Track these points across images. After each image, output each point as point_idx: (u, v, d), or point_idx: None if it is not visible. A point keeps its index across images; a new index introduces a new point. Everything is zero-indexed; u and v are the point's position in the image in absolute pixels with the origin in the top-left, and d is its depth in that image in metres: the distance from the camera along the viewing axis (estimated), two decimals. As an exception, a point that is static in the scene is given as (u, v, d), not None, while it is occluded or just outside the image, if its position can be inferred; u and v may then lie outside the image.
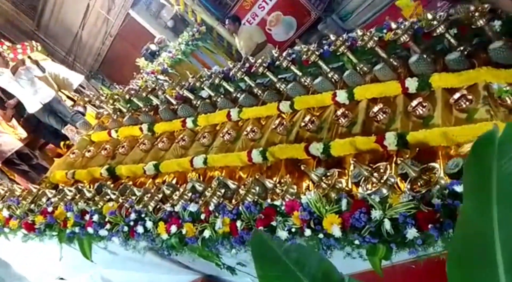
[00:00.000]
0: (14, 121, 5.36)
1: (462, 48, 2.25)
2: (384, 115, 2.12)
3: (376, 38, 2.52)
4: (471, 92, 1.96)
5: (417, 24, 2.50)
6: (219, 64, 5.92)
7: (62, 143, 3.98)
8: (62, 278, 3.16)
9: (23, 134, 5.27)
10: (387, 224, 1.37)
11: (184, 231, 1.86)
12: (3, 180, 3.94)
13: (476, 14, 2.15)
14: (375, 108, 2.15)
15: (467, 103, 1.91)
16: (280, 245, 0.84)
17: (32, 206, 2.67)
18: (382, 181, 1.52)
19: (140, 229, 2.02)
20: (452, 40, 2.33)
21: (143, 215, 2.08)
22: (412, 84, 2.20)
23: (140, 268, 2.56)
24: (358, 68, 2.59)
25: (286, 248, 0.83)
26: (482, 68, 2.04)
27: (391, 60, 2.49)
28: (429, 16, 2.39)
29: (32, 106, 4.96)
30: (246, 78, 3.03)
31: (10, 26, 9.64)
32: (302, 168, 1.78)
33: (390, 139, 1.88)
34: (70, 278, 3.08)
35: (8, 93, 5.09)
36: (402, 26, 2.45)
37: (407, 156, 1.89)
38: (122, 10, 8.02)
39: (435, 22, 2.35)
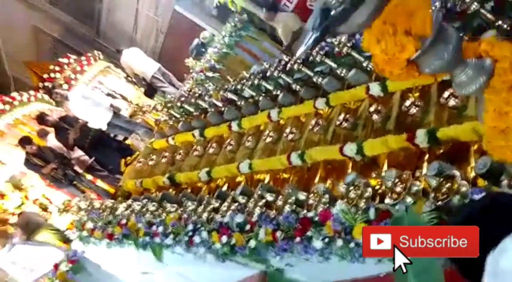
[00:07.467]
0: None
1: (498, 24, 2.11)
2: (417, 108, 2.11)
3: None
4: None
5: (449, 1, 2.37)
6: (266, 51, 5.98)
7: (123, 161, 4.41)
8: (145, 272, 3.60)
9: None
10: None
11: (233, 241, 2.07)
12: (82, 195, 4.50)
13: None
14: (407, 102, 2.14)
15: (502, 90, 1.83)
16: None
17: (111, 217, 3.07)
18: (405, 191, 1.57)
19: (197, 239, 2.27)
20: (489, 16, 2.20)
21: (198, 225, 2.33)
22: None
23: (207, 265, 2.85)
24: (391, 55, 2.54)
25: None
26: (519, 47, 1.92)
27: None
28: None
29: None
30: (283, 76, 3.11)
31: (72, 37, 10.46)
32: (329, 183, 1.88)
33: (421, 137, 1.89)
34: (151, 272, 3.49)
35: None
36: (433, 7, 2.35)
37: (441, 151, 1.90)
38: (168, 7, 8.33)
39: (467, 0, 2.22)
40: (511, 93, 0.97)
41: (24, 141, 5.59)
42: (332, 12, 0.94)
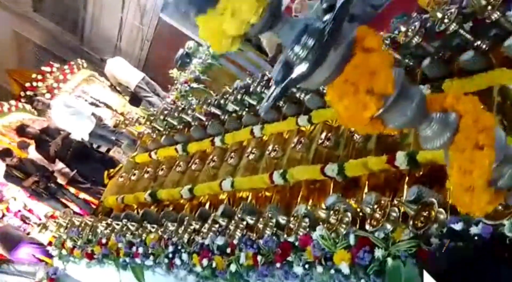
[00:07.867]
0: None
1: (476, 44, 2.14)
2: (396, 129, 2.11)
3: (387, 41, 2.47)
4: (484, 98, 1.89)
5: (429, 21, 2.40)
6: (251, 62, 5.96)
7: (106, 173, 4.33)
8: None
9: None
10: (389, 264, 1.43)
11: (214, 264, 2.04)
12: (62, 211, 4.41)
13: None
14: (388, 123, 2.14)
15: (479, 113, 1.85)
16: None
17: (90, 236, 3.00)
18: (384, 217, 1.56)
19: (177, 261, 2.23)
20: (468, 36, 2.22)
21: (179, 247, 2.29)
22: (424, 91, 2.15)
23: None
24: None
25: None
26: (496, 70, 1.95)
27: (406, 60, 2.43)
28: (439, 15, 2.28)
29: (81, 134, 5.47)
30: (266, 91, 3.09)
31: (57, 44, 10.31)
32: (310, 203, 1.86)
33: (401, 159, 1.89)
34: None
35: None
36: (413, 27, 2.38)
37: (421, 173, 1.91)
38: (154, 15, 8.29)
39: (446, 20, 2.24)
40: (475, 152, 0.97)
41: (4, 153, 5.46)
42: (294, 69, 0.92)
